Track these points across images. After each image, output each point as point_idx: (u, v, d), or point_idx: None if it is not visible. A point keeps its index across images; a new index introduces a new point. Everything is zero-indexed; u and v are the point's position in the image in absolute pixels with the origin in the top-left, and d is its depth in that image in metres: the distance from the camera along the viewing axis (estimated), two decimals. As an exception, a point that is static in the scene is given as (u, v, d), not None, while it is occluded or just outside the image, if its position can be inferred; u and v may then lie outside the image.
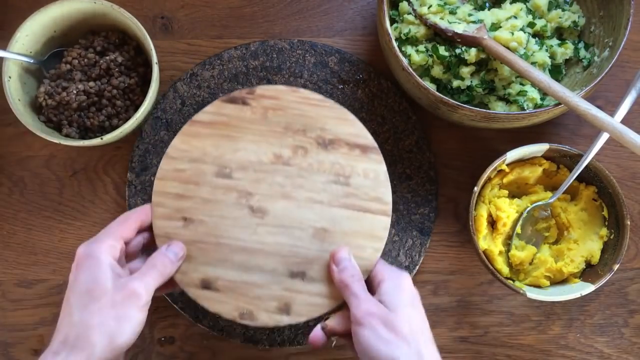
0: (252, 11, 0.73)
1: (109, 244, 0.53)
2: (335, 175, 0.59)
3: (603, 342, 0.70)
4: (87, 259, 0.52)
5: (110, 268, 0.52)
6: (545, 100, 0.65)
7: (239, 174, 0.59)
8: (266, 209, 0.58)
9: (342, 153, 0.60)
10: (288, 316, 0.57)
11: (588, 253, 0.65)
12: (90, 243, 0.53)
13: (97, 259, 0.51)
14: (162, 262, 0.55)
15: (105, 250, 0.52)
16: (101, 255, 0.52)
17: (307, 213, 0.58)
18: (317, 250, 0.57)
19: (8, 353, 0.69)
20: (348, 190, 0.59)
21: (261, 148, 0.60)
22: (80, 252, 0.53)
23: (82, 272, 0.51)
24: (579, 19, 0.67)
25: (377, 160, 0.60)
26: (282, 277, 0.57)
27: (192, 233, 0.58)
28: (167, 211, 0.58)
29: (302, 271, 0.57)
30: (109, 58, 0.65)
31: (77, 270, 0.52)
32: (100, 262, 0.51)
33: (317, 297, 0.57)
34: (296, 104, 0.61)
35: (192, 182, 0.59)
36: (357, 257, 0.57)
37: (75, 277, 0.52)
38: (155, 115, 0.70)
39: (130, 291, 0.51)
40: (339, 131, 0.60)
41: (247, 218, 0.58)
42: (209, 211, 0.59)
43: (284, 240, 0.58)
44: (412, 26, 0.65)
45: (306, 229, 0.58)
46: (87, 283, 0.51)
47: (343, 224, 0.58)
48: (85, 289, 0.51)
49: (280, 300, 0.57)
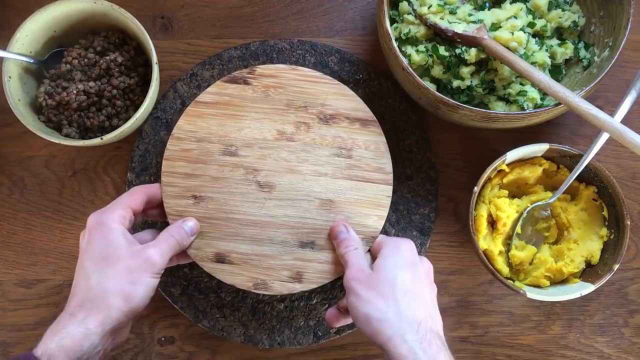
0: (252, 11, 0.73)
1: (119, 213, 0.55)
2: (337, 148, 0.63)
3: (603, 342, 0.70)
4: (99, 226, 0.54)
5: (123, 235, 0.54)
6: (545, 100, 0.65)
7: (245, 152, 0.62)
8: (273, 183, 0.62)
9: (342, 127, 0.63)
10: (300, 284, 0.60)
11: (588, 253, 0.65)
12: (101, 212, 0.55)
13: (109, 226, 0.54)
14: (179, 232, 0.58)
15: (116, 219, 0.55)
16: (112, 223, 0.54)
17: (312, 186, 0.62)
18: (324, 220, 0.61)
19: (8, 353, 0.69)
20: (350, 162, 0.62)
21: (265, 125, 0.63)
22: (92, 221, 0.55)
23: (96, 238, 0.54)
24: (579, 19, 0.67)
25: (376, 132, 0.63)
26: (292, 248, 0.61)
27: (203, 210, 0.61)
28: (177, 190, 0.61)
29: (311, 241, 0.61)
30: (109, 58, 0.65)
31: (90, 236, 0.54)
32: (112, 229, 0.54)
33: (327, 264, 0.60)
34: (296, 81, 0.64)
35: (199, 161, 0.62)
36: (362, 225, 0.61)
37: (89, 242, 0.54)
38: (155, 115, 0.70)
39: (146, 257, 0.54)
40: (339, 106, 0.63)
41: (255, 193, 0.62)
42: (217, 188, 0.62)
43: (292, 212, 0.61)
44: (412, 26, 0.65)
45: (313, 201, 0.61)
46: (101, 248, 0.53)
47: (347, 195, 0.62)
48: (100, 254, 0.53)
49: (292, 270, 0.60)
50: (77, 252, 0.69)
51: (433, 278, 0.57)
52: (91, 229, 0.55)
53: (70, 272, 0.69)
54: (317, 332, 0.67)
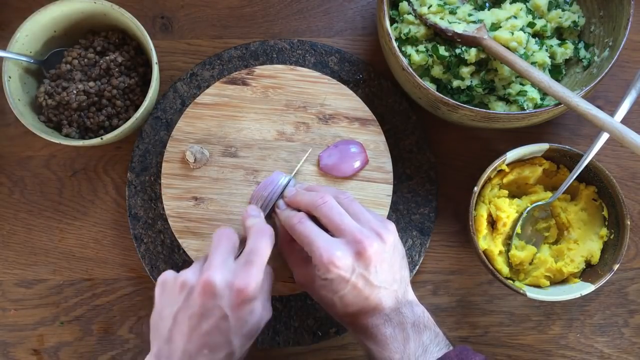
0: (252, 11, 0.73)
1: (258, 281, 0.52)
2: None
3: (603, 342, 0.70)
4: (250, 302, 0.51)
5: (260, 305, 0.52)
6: (545, 100, 0.65)
7: (245, 152, 0.63)
8: None
9: (342, 127, 0.63)
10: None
11: (588, 253, 0.65)
12: (242, 285, 0.50)
13: (255, 301, 0.51)
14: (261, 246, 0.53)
15: (257, 289, 0.52)
16: (257, 295, 0.52)
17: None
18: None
19: (8, 353, 0.69)
20: None
21: (264, 126, 0.63)
22: (241, 296, 0.50)
23: (246, 314, 0.51)
24: (579, 19, 0.67)
25: (376, 131, 0.63)
26: None
27: (203, 211, 0.62)
28: (178, 192, 0.62)
29: None
30: (109, 58, 0.65)
31: (240, 313, 0.50)
32: (255, 301, 0.52)
33: None
34: (295, 81, 0.64)
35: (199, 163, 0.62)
36: None
37: (238, 319, 0.50)
38: (155, 115, 0.70)
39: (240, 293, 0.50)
40: (338, 106, 0.64)
41: None
42: (218, 190, 0.62)
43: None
44: (412, 26, 0.65)
45: None
46: (252, 324, 0.51)
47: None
48: (249, 331, 0.51)
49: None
50: (77, 252, 0.70)
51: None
52: (240, 303, 0.50)
53: (70, 272, 0.69)
54: (317, 332, 0.67)
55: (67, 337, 0.69)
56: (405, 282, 0.55)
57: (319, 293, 0.54)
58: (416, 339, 0.52)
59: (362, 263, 0.52)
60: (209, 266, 0.50)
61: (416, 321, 0.53)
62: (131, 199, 0.69)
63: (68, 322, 0.69)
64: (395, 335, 0.52)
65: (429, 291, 0.70)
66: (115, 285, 0.69)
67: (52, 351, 0.69)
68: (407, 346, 0.51)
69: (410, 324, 0.52)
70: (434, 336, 0.53)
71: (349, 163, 0.62)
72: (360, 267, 0.52)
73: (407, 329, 0.52)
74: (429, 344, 0.52)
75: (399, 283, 0.54)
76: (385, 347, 0.52)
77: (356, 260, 0.52)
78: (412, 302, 0.54)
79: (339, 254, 0.51)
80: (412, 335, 0.52)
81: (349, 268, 0.51)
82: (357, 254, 0.51)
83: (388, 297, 0.53)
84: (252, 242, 0.52)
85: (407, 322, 0.52)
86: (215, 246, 0.52)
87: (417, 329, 0.52)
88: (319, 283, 0.53)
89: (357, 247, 0.51)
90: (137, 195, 0.69)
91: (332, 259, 0.51)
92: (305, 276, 0.56)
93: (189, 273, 0.51)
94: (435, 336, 0.53)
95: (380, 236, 0.53)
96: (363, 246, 0.51)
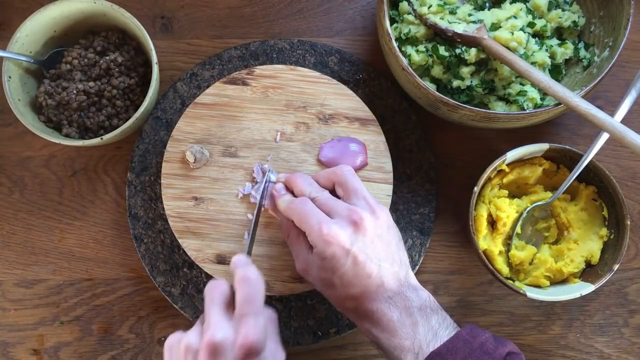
0: (252, 11, 0.73)
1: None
2: None
3: (603, 342, 0.70)
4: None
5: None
6: (545, 100, 0.65)
7: (245, 152, 0.63)
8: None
9: (342, 127, 0.63)
10: (302, 284, 0.61)
11: (588, 253, 0.65)
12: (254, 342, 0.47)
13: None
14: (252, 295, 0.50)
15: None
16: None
17: None
18: None
19: (8, 353, 0.69)
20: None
21: (264, 126, 0.63)
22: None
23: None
24: (579, 19, 0.67)
25: (376, 131, 0.63)
26: None
27: (203, 211, 0.62)
28: (178, 192, 0.62)
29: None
30: (109, 58, 0.65)
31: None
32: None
33: None
34: (295, 81, 0.64)
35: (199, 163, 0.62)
36: None
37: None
38: (155, 115, 0.70)
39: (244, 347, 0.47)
40: (338, 106, 0.64)
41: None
42: (218, 190, 0.62)
43: None
44: (412, 26, 0.65)
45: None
46: None
47: None
48: None
49: (293, 269, 0.60)
50: (77, 252, 0.70)
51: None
52: (247, 358, 0.47)
53: (70, 272, 0.69)
54: (317, 332, 0.67)
55: (67, 337, 0.69)
56: (405, 265, 0.55)
57: (319, 277, 0.54)
58: (425, 323, 0.51)
59: (360, 234, 0.52)
60: (208, 326, 0.48)
61: (422, 305, 0.52)
62: (131, 199, 0.69)
63: (68, 322, 0.69)
64: (403, 320, 0.51)
65: (429, 291, 0.69)
66: (115, 285, 0.69)
67: (52, 351, 0.69)
68: (416, 331, 0.51)
69: (417, 308, 0.52)
70: (442, 319, 0.52)
71: (348, 160, 0.62)
72: (359, 240, 0.52)
73: (414, 313, 0.51)
74: (438, 328, 0.51)
75: (399, 264, 0.54)
76: (394, 334, 0.51)
77: (354, 232, 0.52)
78: (416, 287, 0.54)
79: (337, 227, 0.52)
80: (420, 320, 0.51)
81: (347, 238, 0.52)
82: (354, 224, 0.52)
83: (390, 277, 0.53)
84: (241, 293, 0.49)
85: (414, 307, 0.52)
86: (209, 303, 0.50)
87: (424, 313, 0.52)
88: (318, 264, 0.53)
89: (352, 217, 0.53)
90: (137, 195, 0.69)
91: (331, 231, 0.51)
92: (306, 261, 0.55)
93: (191, 336, 0.49)
94: (443, 319, 0.52)
95: (373, 210, 0.54)
96: (359, 216, 0.53)
